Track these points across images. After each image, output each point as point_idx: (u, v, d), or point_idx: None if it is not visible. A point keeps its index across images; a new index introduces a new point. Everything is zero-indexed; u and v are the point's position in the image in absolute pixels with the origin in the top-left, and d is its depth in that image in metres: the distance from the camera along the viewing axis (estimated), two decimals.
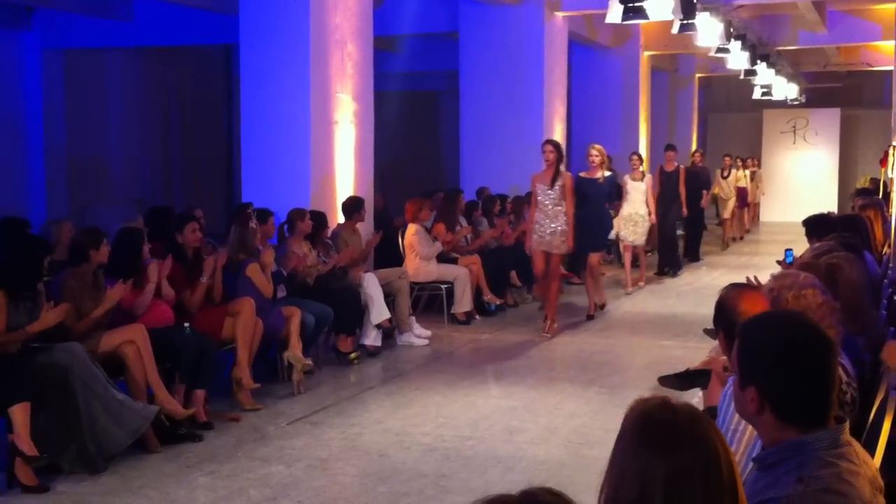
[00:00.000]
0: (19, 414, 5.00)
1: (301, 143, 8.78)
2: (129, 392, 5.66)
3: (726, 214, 18.18)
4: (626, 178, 12.22)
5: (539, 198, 9.13)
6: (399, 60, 16.63)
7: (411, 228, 9.74)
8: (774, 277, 3.36)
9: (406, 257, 9.72)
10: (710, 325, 6.67)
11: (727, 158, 18.62)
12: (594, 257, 10.31)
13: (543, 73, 12.97)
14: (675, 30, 11.48)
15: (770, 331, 2.20)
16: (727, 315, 3.17)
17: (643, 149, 17.37)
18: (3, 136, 14.80)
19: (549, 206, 9.05)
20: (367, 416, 6.53)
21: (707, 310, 9.17)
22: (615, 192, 10.89)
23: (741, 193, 19.04)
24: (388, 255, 9.67)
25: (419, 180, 17.29)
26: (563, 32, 13.71)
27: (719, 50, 13.16)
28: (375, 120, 9.79)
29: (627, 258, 12.35)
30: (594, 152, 10.06)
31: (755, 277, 4.96)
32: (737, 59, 14.12)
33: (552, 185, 9.02)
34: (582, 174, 10.12)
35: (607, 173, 10.19)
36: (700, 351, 6.55)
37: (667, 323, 10.20)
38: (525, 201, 11.76)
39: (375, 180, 9.89)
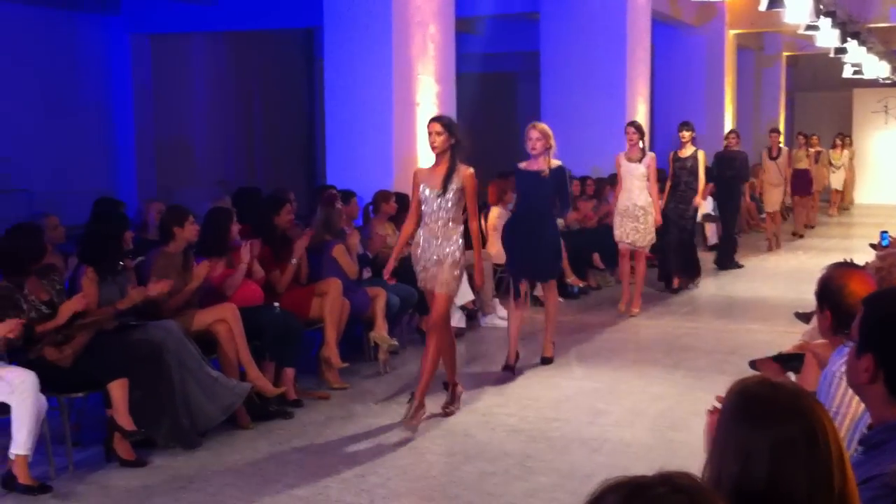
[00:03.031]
0: (117, 390, 5.15)
1: (384, 125, 8.84)
2: (222, 369, 5.79)
3: (771, 207, 14.40)
4: (620, 157, 9.48)
5: (425, 207, 6.04)
6: (479, 42, 16.61)
7: (494, 211, 9.73)
8: (881, 257, 3.32)
9: (488, 239, 9.72)
10: (801, 309, 6.59)
11: (774, 135, 14.62)
12: (549, 288, 7.58)
13: (626, 53, 12.81)
14: (762, 7, 11.24)
15: None
16: (834, 294, 3.13)
17: (727, 129, 16.99)
18: (94, 120, 15.23)
19: (440, 222, 5.99)
20: None
21: (796, 293, 9.03)
22: (564, 193, 7.42)
23: (802, 177, 15.77)
24: (470, 237, 9.68)
25: (497, 162, 17.22)
26: (646, 11, 13.52)
27: (808, 27, 12.84)
28: (455, 101, 9.80)
29: (625, 266, 9.55)
30: (535, 134, 7.13)
31: (850, 260, 4.86)
32: (826, 36, 13.75)
33: (444, 189, 5.94)
34: (521, 165, 7.36)
35: (555, 163, 7.25)
36: (789, 335, 6.44)
37: (754, 306, 10.03)
38: (608, 182, 11.54)
39: None
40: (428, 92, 9.29)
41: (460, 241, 6.08)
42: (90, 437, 5.55)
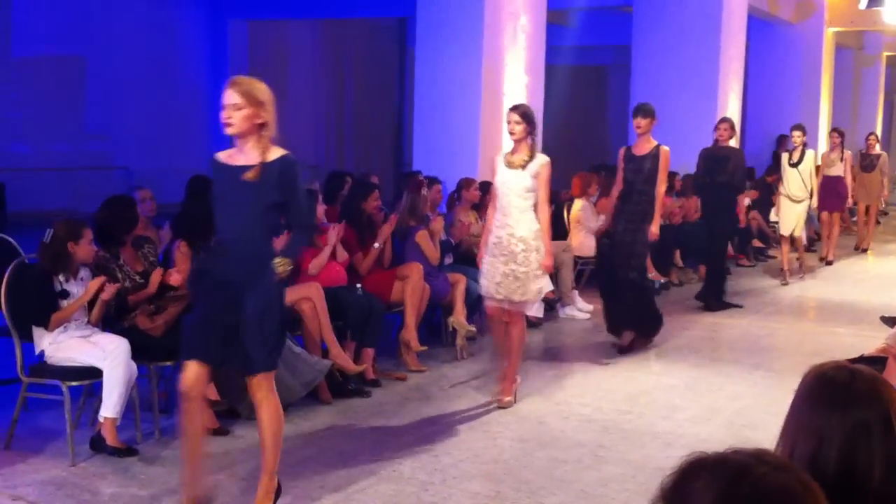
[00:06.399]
0: None
1: (471, 115, 8.94)
2: (305, 346, 5.96)
3: (785, 229, 11.12)
4: (498, 160, 6.07)
5: None
6: (570, 34, 16.57)
7: (578, 203, 9.75)
8: None
9: (571, 231, 9.74)
10: (888, 313, 6.46)
11: (796, 133, 10.95)
12: (260, 385, 4.35)
13: (720, 49, 12.64)
14: (862, 5, 11.02)
15: None
16: None
17: (823, 131, 16.57)
18: (188, 104, 15.64)
19: None
20: (527, 384, 6.61)
21: (884, 298, 8.83)
22: (296, 207, 4.17)
23: (833, 187, 12.40)
24: (552, 228, 9.69)
25: (585, 155, 17.20)
26: (742, 6, 13.31)
27: None
28: (543, 93, 9.83)
29: (498, 332, 6.27)
30: (232, 97, 4.10)
31: None
32: None
33: None
34: (220, 156, 4.25)
35: (277, 153, 4.24)
36: (875, 340, 6.30)
37: (840, 310, 9.83)
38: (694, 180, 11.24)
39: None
40: (516, 83, 9.34)
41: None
42: (177, 405, 5.75)
